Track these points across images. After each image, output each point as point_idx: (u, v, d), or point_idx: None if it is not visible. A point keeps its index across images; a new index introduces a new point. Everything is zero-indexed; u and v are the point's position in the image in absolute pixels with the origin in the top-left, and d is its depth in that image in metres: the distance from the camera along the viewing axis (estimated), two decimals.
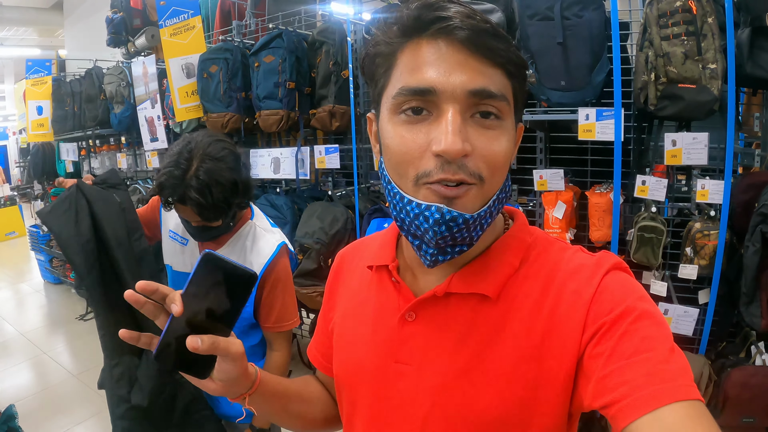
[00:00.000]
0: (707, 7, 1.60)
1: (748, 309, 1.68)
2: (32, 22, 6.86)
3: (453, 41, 0.44)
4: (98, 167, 3.83)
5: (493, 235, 0.54)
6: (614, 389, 0.41)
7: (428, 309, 0.53)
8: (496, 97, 0.45)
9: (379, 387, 0.55)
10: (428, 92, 0.44)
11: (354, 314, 0.62)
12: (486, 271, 0.52)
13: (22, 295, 4.96)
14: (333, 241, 2.15)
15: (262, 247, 1.19)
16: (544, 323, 0.48)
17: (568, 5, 1.59)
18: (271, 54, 2.34)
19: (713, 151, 1.74)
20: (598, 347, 0.45)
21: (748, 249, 1.64)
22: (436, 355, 0.52)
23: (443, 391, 0.51)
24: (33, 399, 2.81)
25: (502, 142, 0.46)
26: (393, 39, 0.47)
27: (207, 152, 1.04)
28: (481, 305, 0.51)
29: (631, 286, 0.48)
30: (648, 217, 1.76)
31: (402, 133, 0.46)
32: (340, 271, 0.69)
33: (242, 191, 1.09)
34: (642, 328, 0.44)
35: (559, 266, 0.51)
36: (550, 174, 1.79)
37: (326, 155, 2.29)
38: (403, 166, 0.47)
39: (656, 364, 0.41)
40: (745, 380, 1.69)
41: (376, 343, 0.56)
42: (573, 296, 0.48)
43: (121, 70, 3.27)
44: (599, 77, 1.67)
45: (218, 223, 1.11)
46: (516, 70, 0.47)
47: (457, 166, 0.44)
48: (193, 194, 1.00)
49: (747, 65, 1.63)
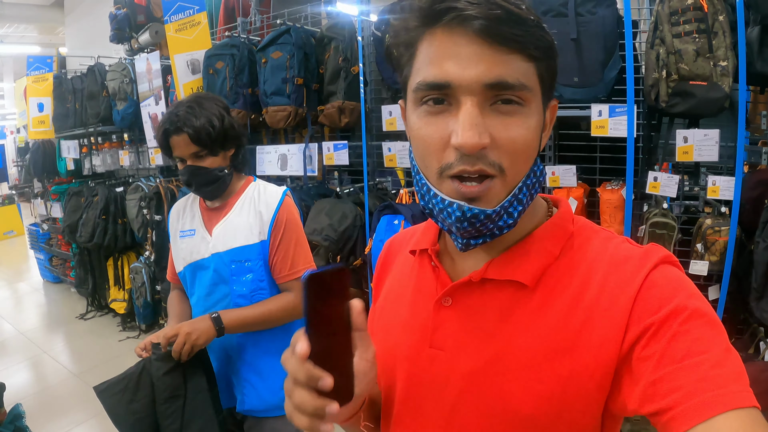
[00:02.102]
0: (718, 5, 1.62)
1: (759, 304, 1.69)
2: (33, 20, 6.82)
3: (467, 31, 0.44)
4: (100, 164, 3.80)
5: (533, 222, 0.53)
6: (665, 396, 0.40)
7: (464, 294, 0.53)
8: (514, 87, 0.44)
9: (413, 370, 0.55)
10: (445, 86, 0.45)
11: (394, 297, 0.62)
12: (524, 259, 0.51)
13: (21, 294, 4.92)
14: (342, 238, 2.14)
15: (270, 194, 1.29)
16: (582, 316, 0.47)
17: (582, 2, 1.60)
18: (279, 50, 2.34)
19: (721, 149, 1.75)
20: (647, 349, 0.43)
21: (759, 245, 1.65)
22: (468, 341, 0.51)
23: (473, 377, 0.50)
24: (33, 399, 2.78)
25: (522, 130, 0.46)
26: (411, 28, 0.48)
27: (197, 95, 1.24)
28: (518, 293, 0.50)
29: (682, 281, 0.46)
30: (659, 213, 1.77)
31: (424, 125, 0.47)
32: (387, 258, 0.69)
33: (229, 126, 1.22)
34: (694, 329, 0.42)
35: (603, 256, 0.49)
36: (562, 170, 1.80)
37: (335, 151, 2.28)
38: (427, 158, 0.47)
39: (709, 368, 0.39)
40: (755, 376, 1.69)
41: (413, 327, 0.56)
42: (616, 289, 0.46)
43: (124, 67, 3.25)
44: (611, 74, 1.67)
45: (210, 162, 1.21)
46: (538, 53, 0.45)
47: (476, 158, 0.44)
48: (186, 117, 1.15)
49: (757, 63, 1.65)
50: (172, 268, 1.40)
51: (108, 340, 3.55)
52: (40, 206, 4.73)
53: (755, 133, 2.16)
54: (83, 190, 3.80)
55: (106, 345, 3.47)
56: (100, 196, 3.58)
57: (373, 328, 0.64)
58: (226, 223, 1.26)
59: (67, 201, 3.86)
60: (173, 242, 1.35)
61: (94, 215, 3.53)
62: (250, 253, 1.24)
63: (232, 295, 1.24)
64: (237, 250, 1.24)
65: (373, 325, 0.64)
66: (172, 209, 1.39)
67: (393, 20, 0.52)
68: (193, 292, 1.32)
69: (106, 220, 3.54)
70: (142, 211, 3.24)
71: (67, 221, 3.74)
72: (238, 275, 1.24)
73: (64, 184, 4.31)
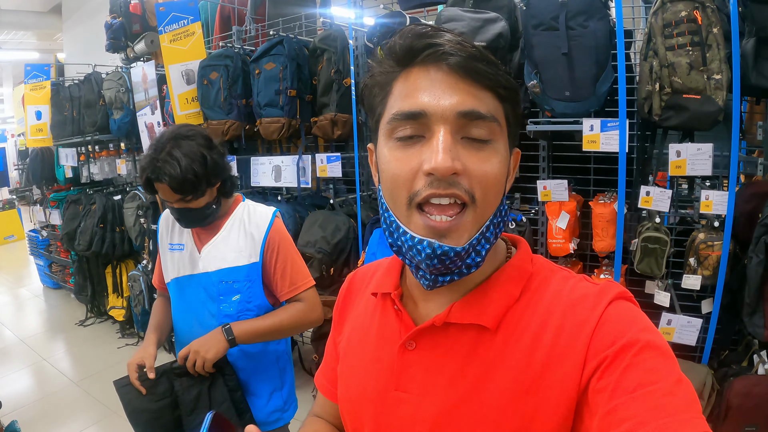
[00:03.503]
0: (712, 17, 1.60)
1: (752, 319, 1.68)
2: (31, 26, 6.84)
3: (443, 67, 0.46)
4: (97, 172, 3.81)
5: (494, 264, 0.54)
6: (619, 425, 0.41)
7: (428, 338, 0.53)
8: (486, 118, 0.46)
9: (380, 414, 0.56)
10: (420, 115, 0.46)
11: (358, 340, 0.62)
12: (485, 302, 0.52)
13: (21, 300, 4.94)
14: (335, 250, 2.13)
15: (259, 217, 1.29)
16: (543, 355, 0.48)
17: (573, 15, 1.59)
18: (272, 61, 2.33)
19: (716, 159, 1.74)
20: (602, 381, 0.44)
21: (752, 260, 1.64)
22: (434, 384, 0.52)
23: (440, 421, 0.51)
24: (33, 407, 2.79)
25: (494, 163, 0.47)
26: (388, 69, 0.50)
27: (177, 133, 1.18)
28: (480, 336, 0.51)
29: (634, 316, 0.48)
30: (652, 228, 1.75)
31: (396, 157, 0.48)
32: (349, 296, 0.69)
33: (212, 166, 1.18)
34: (646, 360, 0.43)
35: (561, 296, 0.51)
36: (553, 185, 1.79)
37: (328, 163, 2.28)
38: (396, 190, 0.48)
39: (661, 396, 0.41)
40: (747, 389, 1.69)
41: (378, 371, 0.57)
42: (574, 328, 0.48)
43: (121, 76, 3.26)
44: (603, 87, 1.66)
45: (197, 203, 1.19)
46: (507, 94, 0.48)
47: (448, 183, 0.45)
48: (166, 167, 1.11)
49: (752, 75, 1.63)
50: (159, 275, 1.42)
51: (107, 347, 3.57)
52: (39, 213, 4.75)
53: (752, 143, 2.15)
54: (81, 198, 3.81)
55: (105, 352, 3.49)
56: (97, 204, 3.59)
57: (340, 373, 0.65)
58: (215, 244, 1.27)
59: (66, 209, 3.88)
60: (162, 253, 1.37)
61: (92, 223, 3.54)
62: (238, 275, 1.25)
63: (219, 315, 1.25)
64: (225, 271, 1.25)
65: (340, 370, 0.65)
66: (160, 219, 1.40)
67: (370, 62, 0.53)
68: (180, 306, 1.34)
69: (104, 228, 3.55)
70: (139, 220, 3.25)
71: (66, 229, 3.75)
72: (226, 295, 1.26)
73: (63, 192, 4.33)
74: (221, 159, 1.23)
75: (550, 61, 1.64)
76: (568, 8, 1.58)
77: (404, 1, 2.08)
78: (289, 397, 1.39)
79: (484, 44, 1.63)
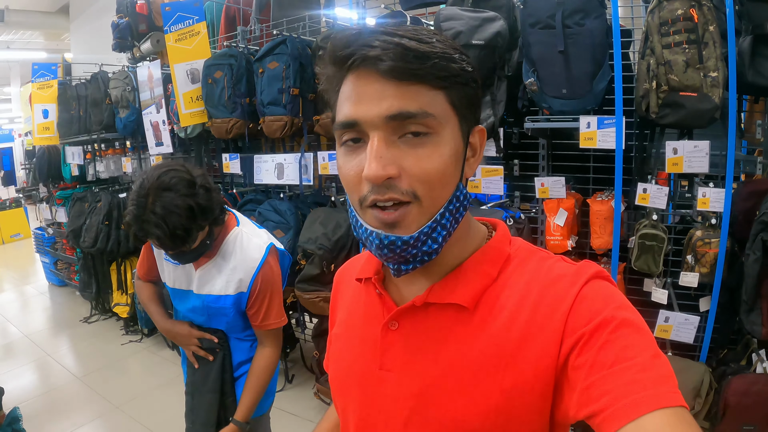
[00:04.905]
0: (708, 15, 1.61)
1: (749, 317, 1.69)
2: (38, 26, 6.92)
3: (371, 71, 0.46)
4: (103, 171, 3.86)
5: (472, 246, 0.56)
6: (597, 400, 0.42)
7: (409, 318, 0.55)
8: (417, 116, 0.46)
9: (366, 393, 0.58)
10: (353, 124, 0.48)
11: (346, 324, 0.65)
12: (463, 282, 0.53)
13: (26, 297, 5.00)
14: (336, 246, 2.16)
15: (251, 253, 1.25)
16: (520, 332, 0.49)
17: (569, 14, 1.60)
18: (275, 60, 2.36)
19: (715, 158, 1.75)
20: (580, 358, 0.45)
21: (749, 257, 1.64)
22: (415, 362, 0.54)
23: (421, 397, 0.53)
24: (37, 401, 2.83)
25: (435, 158, 0.48)
26: (331, 75, 0.51)
27: (159, 184, 1.09)
28: (459, 315, 0.53)
29: (610, 294, 0.49)
30: (649, 225, 1.76)
31: (344, 163, 0.50)
32: (339, 288, 0.72)
33: (199, 213, 1.12)
34: (622, 337, 0.44)
35: (538, 276, 0.52)
36: (551, 182, 1.80)
37: (330, 161, 2.31)
38: (349, 192, 0.51)
39: (637, 372, 0.42)
40: (745, 388, 1.69)
41: (363, 351, 0.59)
42: (551, 306, 0.49)
43: (127, 75, 3.30)
44: (600, 85, 1.67)
45: (190, 248, 1.15)
46: (444, 82, 0.47)
47: (385, 188, 0.47)
48: (152, 229, 1.06)
49: (748, 73, 1.64)
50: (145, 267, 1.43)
51: (111, 343, 3.60)
52: (45, 211, 4.81)
53: (751, 142, 2.15)
54: (87, 195, 3.86)
55: (109, 348, 3.52)
56: (103, 201, 3.63)
57: (329, 355, 0.68)
58: (208, 269, 1.28)
59: (71, 206, 3.92)
60: (157, 257, 1.38)
61: (98, 221, 3.58)
62: (225, 302, 1.27)
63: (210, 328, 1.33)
64: (213, 297, 1.28)
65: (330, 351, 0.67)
66: None
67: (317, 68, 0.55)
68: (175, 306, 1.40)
69: (109, 225, 3.59)
70: None
71: (71, 226, 3.80)
72: (216, 316, 1.31)
73: (69, 190, 4.37)
74: (209, 197, 1.16)
75: (546, 59, 1.66)
76: (565, 7, 1.60)
77: (405, 2, 2.11)
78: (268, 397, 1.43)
79: (482, 42, 1.65)
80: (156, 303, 1.44)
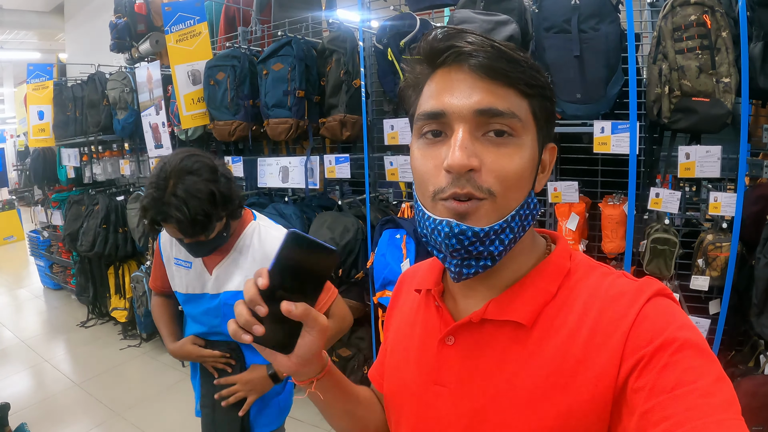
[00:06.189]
0: (721, 21, 1.62)
1: (759, 320, 1.70)
2: (33, 26, 6.80)
3: (464, 67, 0.48)
4: (100, 173, 3.80)
5: (532, 260, 0.55)
6: (656, 425, 0.41)
7: (466, 334, 0.55)
8: (504, 115, 0.47)
9: (420, 408, 0.57)
10: (440, 115, 0.48)
11: (403, 336, 0.64)
12: (521, 299, 0.52)
13: (21, 300, 4.91)
14: (344, 251, 2.14)
15: (271, 243, 1.23)
16: (578, 352, 0.48)
17: (585, 18, 1.60)
18: (280, 62, 2.33)
19: (722, 161, 1.75)
20: (640, 380, 0.44)
21: (760, 261, 1.65)
22: (470, 379, 0.53)
23: (476, 415, 0.52)
24: (34, 408, 2.77)
25: (515, 159, 0.48)
26: (418, 71, 0.52)
27: (181, 168, 1.07)
28: (516, 332, 0.52)
29: (672, 313, 0.47)
30: (661, 229, 1.77)
31: (422, 154, 0.51)
32: (399, 294, 0.72)
33: (220, 201, 1.10)
34: (684, 359, 0.43)
35: (598, 293, 0.51)
36: (564, 186, 1.80)
37: (336, 165, 2.28)
38: (423, 184, 0.50)
39: (698, 397, 0.40)
40: (754, 389, 1.70)
41: (420, 365, 0.58)
42: (610, 325, 0.48)
43: (125, 76, 3.25)
44: (614, 90, 1.67)
45: (208, 235, 1.12)
46: (531, 90, 0.49)
47: (465, 181, 0.47)
48: (173, 212, 1.03)
49: (759, 79, 1.65)
50: (160, 279, 1.39)
51: (109, 348, 3.55)
52: (41, 213, 4.73)
53: (757, 146, 2.16)
54: (84, 198, 3.80)
55: (107, 353, 3.47)
56: (100, 205, 3.58)
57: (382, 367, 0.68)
58: (224, 266, 1.24)
59: (68, 209, 3.86)
60: (167, 264, 1.34)
61: (95, 224, 3.53)
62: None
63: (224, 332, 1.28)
64: (231, 294, 1.24)
65: (387, 363, 0.67)
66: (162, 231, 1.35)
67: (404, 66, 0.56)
68: (187, 313, 1.35)
69: (107, 229, 3.53)
70: (143, 221, 3.22)
71: (68, 230, 3.74)
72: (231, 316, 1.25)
73: (65, 192, 4.30)
74: (229, 186, 1.14)
75: (561, 63, 1.65)
76: (580, 11, 1.60)
77: (413, 3, 2.09)
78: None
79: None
80: (166, 324, 1.40)
